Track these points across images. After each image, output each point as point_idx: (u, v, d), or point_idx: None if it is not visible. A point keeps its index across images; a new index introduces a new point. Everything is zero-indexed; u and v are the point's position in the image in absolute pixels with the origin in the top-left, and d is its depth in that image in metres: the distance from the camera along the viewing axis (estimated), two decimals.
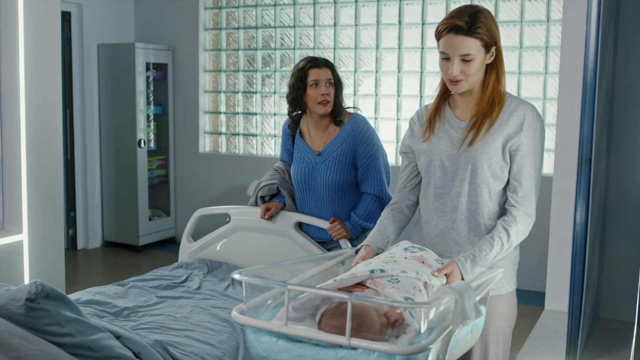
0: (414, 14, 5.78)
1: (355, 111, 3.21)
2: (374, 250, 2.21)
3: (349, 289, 1.91)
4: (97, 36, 6.57)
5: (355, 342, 1.62)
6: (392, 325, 1.77)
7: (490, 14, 2.15)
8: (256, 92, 6.62)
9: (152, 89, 6.76)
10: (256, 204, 3.49)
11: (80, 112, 6.53)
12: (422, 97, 5.78)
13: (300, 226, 3.37)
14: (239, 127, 6.76)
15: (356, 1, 5.99)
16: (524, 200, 2.17)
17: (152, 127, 6.84)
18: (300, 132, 3.28)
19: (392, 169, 3.29)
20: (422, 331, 1.67)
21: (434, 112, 2.29)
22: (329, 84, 3.10)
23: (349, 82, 5.96)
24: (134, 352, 2.20)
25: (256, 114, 6.64)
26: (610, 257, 2.76)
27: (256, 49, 6.56)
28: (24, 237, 3.98)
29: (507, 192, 2.21)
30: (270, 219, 3.39)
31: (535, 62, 5.42)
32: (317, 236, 3.28)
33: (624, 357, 2.46)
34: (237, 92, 6.73)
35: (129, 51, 6.42)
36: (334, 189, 3.14)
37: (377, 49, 5.95)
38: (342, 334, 1.65)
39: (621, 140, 2.70)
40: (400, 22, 5.83)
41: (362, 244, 2.26)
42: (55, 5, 4.16)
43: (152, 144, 6.85)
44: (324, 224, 3.20)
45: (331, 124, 3.17)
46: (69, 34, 6.39)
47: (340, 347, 1.66)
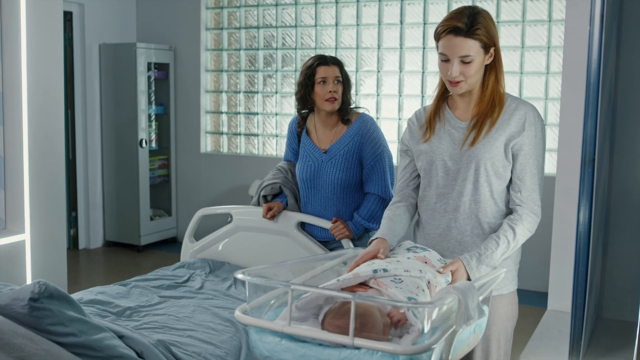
0: (416, 13, 5.78)
1: (363, 111, 3.22)
2: (390, 244, 2.19)
3: (352, 289, 1.91)
4: (98, 36, 6.57)
5: (358, 341, 1.62)
6: (396, 325, 1.76)
7: (489, 15, 2.15)
8: (257, 92, 6.62)
9: (153, 88, 6.76)
10: (259, 203, 3.49)
11: (81, 112, 6.53)
12: (423, 97, 5.78)
13: (302, 226, 3.37)
14: (241, 127, 6.76)
15: (358, 1, 5.99)
16: (529, 199, 2.18)
17: (154, 126, 6.84)
18: (306, 130, 3.28)
19: (396, 169, 3.29)
20: (425, 331, 1.66)
21: (434, 112, 2.29)
22: (336, 82, 3.11)
23: (351, 82, 5.95)
24: (137, 352, 2.20)
25: (257, 114, 6.64)
26: (613, 257, 2.76)
27: (257, 49, 6.56)
28: (26, 236, 3.98)
29: (510, 191, 2.21)
30: (272, 218, 3.39)
31: (537, 62, 5.41)
32: (320, 236, 3.28)
33: (627, 357, 2.46)
34: (239, 92, 6.73)
35: (131, 51, 6.43)
36: (339, 188, 3.14)
37: (379, 48, 5.95)
38: (346, 333, 1.64)
39: (624, 140, 2.70)
40: (401, 22, 5.83)
41: (374, 237, 2.22)
42: (57, 5, 4.17)
43: (153, 144, 6.85)
44: (326, 224, 3.20)
45: (339, 123, 3.18)
46: (71, 33, 6.39)
47: (343, 346, 1.66)
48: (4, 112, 3.94)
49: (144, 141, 6.54)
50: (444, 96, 2.31)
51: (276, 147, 6.57)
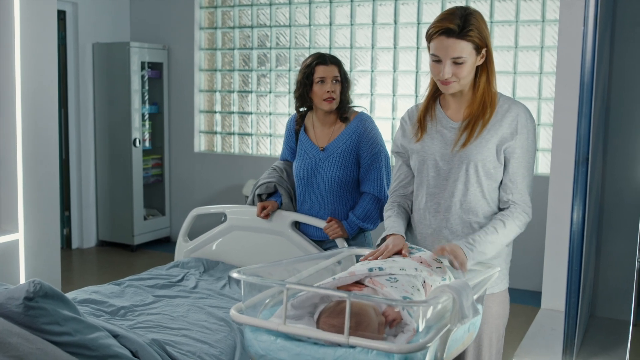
0: (410, 13, 5.79)
1: (361, 110, 3.23)
2: (405, 238, 2.19)
3: (347, 288, 1.92)
4: (92, 35, 6.56)
5: (353, 340, 1.62)
6: (391, 324, 1.77)
7: (481, 16, 2.15)
8: (251, 92, 6.62)
9: (147, 88, 6.75)
10: (254, 202, 3.49)
11: (75, 112, 6.51)
12: (417, 96, 5.79)
13: (297, 225, 3.37)
14: (235, 126, 6.76)
15: (352, 1, 6.00)
16: (521, 200, 2.20)
17: (147, 126, 6.83)
18: (304, 128, 3.29)
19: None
20: (420, 330, 1.67)
21: (424, 112, 2.30)
22: (335, 81, 3.12)
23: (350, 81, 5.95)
24: (132, 351, 2.20)
25: (251, 114, 6.64)
26: (606, 257, 2.78)
27: (252, 49, 6.56)
28: (19, 236, 3.97)
29: (501, 192, 2.22)
30: (266, 217, 3.40)
31: (530, 62, 5.43)
32: (315, 235, 3.29)
33: (620, 355, 2.47)
34: (233, 92, 6.72)
35: (124, 50, 6.41)
36: (336, 186, 3.15)
37: (373, 48, 5.96)
38: (341, 332, 1.65)
39: (617, 140, 2.71)
40: (395, 22, 5.84)
41: (387, 233, 2.22)
42: (51, 4, 4.16)
43: (147, 143, 6.83)
44: (320, 224, 3.20)
45: (337, 121, 3.19)
46: (64, 33, 6.37)
47: (338, 345, 1.66)
48: None
49: (137, 140, 6.53)
50: (435, 95, 2.31)
51: (270, 147, 6.57)
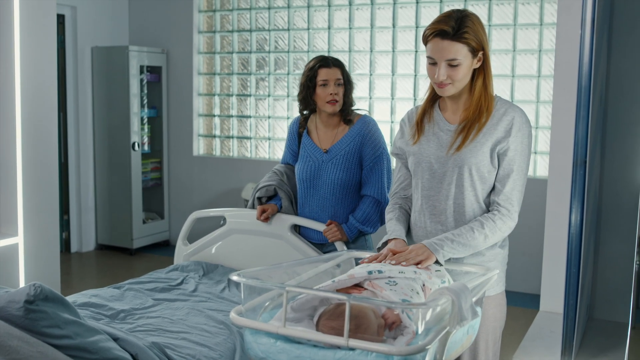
0: (408, 17, 5.80)
1: (364, 113, 3.24)
2: (406, 242, 2.21)
3: (347, 291, 1.92)
4: (91, 39, 6.57)
5: (353, 343, 1.63)
6: (390, 327, 1.77)
7: (477, 19, 2.15)
8: (250, 95, 6.62)
9: (146, 91, 6.76)
10: (254, 206, 3.50)
11: (74, 115, 6.52)
12: (415, 99, 5.80)
13: (298, 228, 3.38)
14: (233, 129, 6.76)
15: (350, 4, 6.01)
16: (506, 202, 2.18)
17: (146, 129, 6.84)
18: (307, 130, 3.30)
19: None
20: (419, 332, 1.68)
21: (422, 114, 2.30)
22: (338, 84, 3.13)
23: (353, 83, 5.97)
24: (132, 354, 2.20)
25: (250, 117, 6.65)
26: (604, 259, 2.78)
27: (250, 52, 6.57)
28: (19, 239, 3.98)
29: (491, 194, 2.22)
30: (266, 220, 3.40)
31: (528, 65, 5.45)
32: (316, 238, 3.29)
33: (619, 357, 2.48)
34: (231, 95, 6.73)
35: (123, 54, 6.42)
36: (339, 188, 3.16)
37: (371, 51, 5.97)
38: (340, 334, 1.65)
39: (615, 142, 2.72)
40: (394, 25, 5.85)
41: (388, 237, 2.24)
42: (50, 8, 4.16)
43: (146, 147, 6.84)
44: (320, 227, 3.21)
45: (340, 123, 3.20)
46: (63, 36, 6.38)
47: (338, 348, 1.67)
48: None
49: (136, 144, 6.54)
50: (434, 98, 2.31)
51: (269, 150, 6.58)
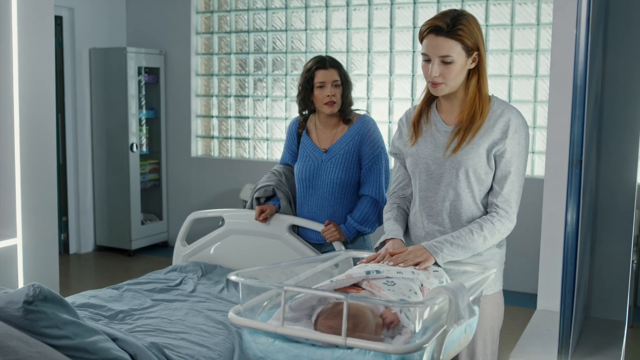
0: (406, 17, 5.81)
1: (364, 113, 3.25)
2: (404, 242, 2.22)
3: (345, 290, 1.93)
4: (88, 40, 6.57)
5: (351, 341, 1.63)
6: (388, 326, 1.78)
7: (473, 19, 2.15)
8: (248, 96, 6.63)
9: (144, 93, 6.76)
10: (252, 206, 3.50)
11: (72, 117, 6.52)
12: (413, 100, 5.82)
13: (297, 229, 3.38)
14: (231, 130, 6.77)
15: (348, 5, 6.02)
16: (505, 204, 2.19)
17: (144, 131, 6.84)
18: (307, 130, 3.31)
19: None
20: (416, 331, 1.69)
21: (418, 116, 2.31)
22: (335, 85, 3.13)
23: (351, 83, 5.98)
24: (131, 355, 2.21)
25: (248, 118, 6.66)
26: (600, 257, 2.79)
27: (248, 53, 6.58)
28: (18, 241, 3.98)
29: (489, 195, 2.23)
30: (264, 221, 3.41)
31: (525, 65, 5.46)
32: (315, 238, 3.30)
33: (615, 356, 2.49)
34: (229, 96, 6.74)
35: (121, 55, 6.43)
36: (338, 188, 3.17)
37: (369, 52, 5.98)
38: (338, 334, 1.66)
39: (611, 141, 2.73)
40: (391, 26, 5.86)
41: (386, 237, 2.25)
42: (48, 9, 4.17)
43: (144, 148, 6.85)
44: (318, 227, 3.22)
45: (340, 123, 3.21)
46: (61, 38, 6.39)
47: (336, 347, 1.68)
48: None
49: (134, 145, 6.54)
50: (431, 98, 2.32)
51: (267, 151, 6.59)
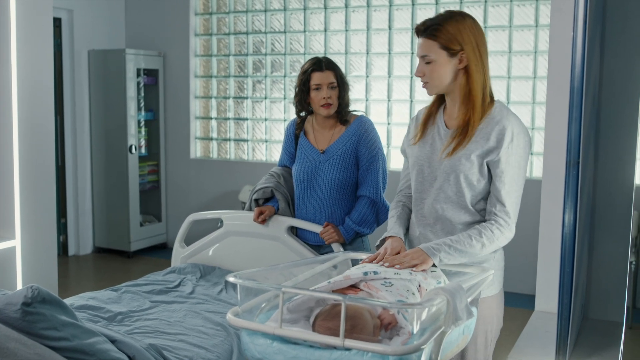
0: (404, 19, 5.82)
1: (361, 114, 3.25)
2: (404, 240, 2.23)
3: (342, 291, 1.93)
4: (87, 42, 6.57)
5: (349, 343, 1.64)
6: (386, 327, 1.78)
7: (466, 20, 2.14)
8: (247, 98, 6.64)
9: (142, 94, 6.76)
10: (251, 208, 3.51)
11: (70, 118, 6.52)
12: (412, 101, 5.82)
13: (295, 230, 3.39)
14: (230, 132, 6.77)
15: (346, 6, 6.03)
16: (502, 214, 2.17)
17: (143, 132, 6.84)
18: (304, 132, 3.31)
19: (389, 174, 3.30)
20: (414, 332, 1.69)
21: (427, 116, 2.32)
22: (331, 87, 3.14)
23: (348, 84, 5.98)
24: (129, 356, 2.21)
25: (247, 120, 6.66)
26: (598, 259, 2.80)
27: (247, 55, 6.58)
28: (16, 242, 3.98)
29: (487, 204, 2.21)
30: (263, 222, 3.41)
31: (524, 66, 5.47)
32: (313, 240, 3.30)
33: (613, 356, 2.49)
34: (228, 98, 6.74)
35: (120, 57, 6.43)
36: (336, 189, 3.17)
37: (368, 54, 5.98)
38: (336, 335, 1.66)
39: (608, 143, 2.74)
40: (390, 28, 5.87)
41: (386, 234, 2.25)
42: (47, 11, 4.17)
43: (143, 150, 6.85)
44: (317, 228, 3.22)
45: (337, 124, 3.21)
46: (60, 40, 6.39)
47: (334, 348, 1.68)
48: None
49: (133, 147, 6.54)
50: (442, 99, 2.30)
51: (266, 153, 6.59)
